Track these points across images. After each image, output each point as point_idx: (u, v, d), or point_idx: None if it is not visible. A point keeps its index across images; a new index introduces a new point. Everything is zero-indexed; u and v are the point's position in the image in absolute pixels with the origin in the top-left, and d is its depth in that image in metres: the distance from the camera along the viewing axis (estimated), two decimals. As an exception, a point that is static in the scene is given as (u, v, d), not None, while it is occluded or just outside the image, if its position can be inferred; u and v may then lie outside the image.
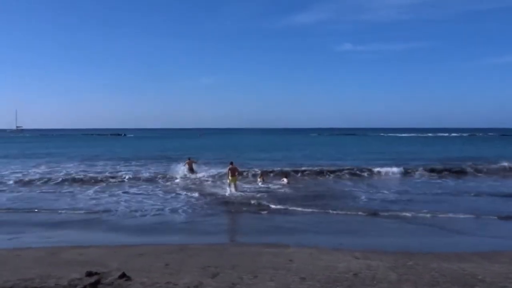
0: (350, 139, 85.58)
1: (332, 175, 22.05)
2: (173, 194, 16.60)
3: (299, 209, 13.63)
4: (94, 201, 15.20)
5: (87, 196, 16.42)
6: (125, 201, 15.27)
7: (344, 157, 34.87)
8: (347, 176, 22.13)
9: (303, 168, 24.63)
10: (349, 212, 13.10)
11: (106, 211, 13.44)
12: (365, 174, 22.55)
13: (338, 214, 12.93)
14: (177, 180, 20.56)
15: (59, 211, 13.40)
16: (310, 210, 13.50)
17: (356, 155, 37.37)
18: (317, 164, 28.19)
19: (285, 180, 20.26)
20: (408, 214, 12.63)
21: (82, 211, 13.37)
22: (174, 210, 13.51)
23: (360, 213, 12.99)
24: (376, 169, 23.39)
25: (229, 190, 17.09)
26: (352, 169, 23.42)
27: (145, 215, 12.78)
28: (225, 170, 18.14)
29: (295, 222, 12.07)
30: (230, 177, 17.45)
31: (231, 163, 17.98)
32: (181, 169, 22.85)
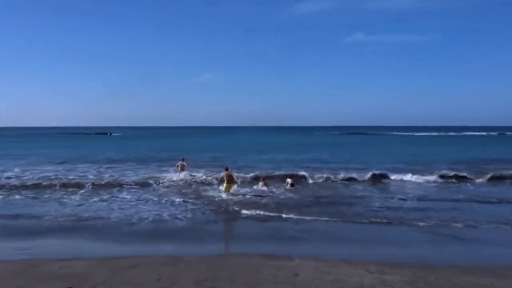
0: (360, 138, 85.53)
1: (341, 179, 22.00)
2: (166, 200, 16.60)
3: (305, 216, 13.61)
4: (79, 208, 15.22)
5: (71, 201, 16.43)
6: (114, 207, 15.26)
7: (355, 158, 34.90)
8: (359, 180, 22.08)
9: (309, 171, 24.60)
10: (360, 220, 13.08)
11: (92, 218, 13.44)
12: (379, 178, 22.50)
13: (349, 222, 12.91)
14: (169, 184, 20.55)
15: (41, 218, 13.39)
16: (317, 217, 13.48)
17: (367, 156, 37.37)
18: (325, 166, 28.21)
19: (289, 180, 20.25)
20: (426, 223, 12.60)
21: (66, 218, 13.36)
22: (167, 218, 13.50)
23: (373, 220, 12.98)
24: (391, 173, 23.34)
25: (225, 197, 17.16)
26: (364, 172, 23.35)
27: (135, 223, 12.77)
28: (222, 176, 18.11)
29: (300, 230, 12.04)
30: (225, 184, 17.45)
31: (226, 169, 18.05)
32: (174, 172, 22.88)
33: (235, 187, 18.32)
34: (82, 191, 18.69)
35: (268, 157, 36.64)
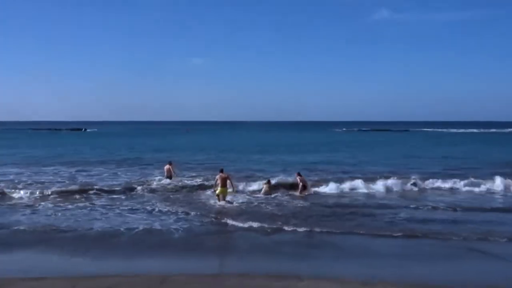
0: (383, 136, 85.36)
1: (362, 185, 21.99)
2: (152, 208, 16.79)
3: (316, 228, 13.76)
4: (55, 217, 15.48)
5: (43, 209, 16.68)
6: (92, 217, 15.50)
7: (377, 160, 34.91)
8: (381, 186, 22.05)
9: (322, 175, 24.67)
10: (382, 234, 13.22)
11: (67, 230, 13.64)
12: (405, 184, 22.49)
13: (368, 236, 13.04)
14: (156, 189, 20.73)
15: (9, 228, 13.60)
16: (329, 229, 13.63)
17: (393, 158, 37.36)
18: (341, 170, 28.31)
19: (299, 179, 20.29)
20: (460, 237, 12.72)
21: (36, 229, 13.62)
22: (153, 229, 13.69)
23: (397, 234, 13.11)
24: (420, 178, 23.30)
25: (219, 204, 17.42)
26: (389, 177, 23.43)
27: (116, 235, 12.97)
28: (215, 178, 18.25)
29: (310, 245, 12.21)
30: (219, 189, 17.64)
31: (221, 171, 18.26)
32: (161, 176, 23.14)
33: (230, 193, 18.46)
34: (54, 197, 18.84)
35: (274, 158, 36.71)
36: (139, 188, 20.94)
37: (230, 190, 18.22)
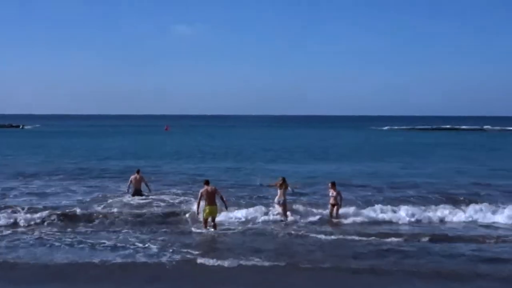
0: (452, 138, 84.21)
1: (416, 210, 21.80)
2: (115, 237, 16.99)
3: (345, 265, 13.81)
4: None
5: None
6: (31, 251, 15.61)
7: (445, 174, 33.63)
8: (441, 212, 21.81)
9: (361, 192, 24.58)
10: (433, 272, 13.36)
11: (29, 263, 14.04)
12: (473, 207, 22.21)
13: (416, 277, 13.12)
14: (120, 210, 20.89)
15: None
16: (365, 266, 13.72)
17: (466, 172, 35.97)
18: (393, 185, 28.18)
19: (332, 192, 20.30)
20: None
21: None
22: (123, 264, 13.90)
23: (451, 274, 13.25)
24: (504, 203, 22.85)
25: (208, 231, 17.67)
26: (455, 198, 23.63)
27: (63, 277, 13.10)
28: (199, 194, 18.31)
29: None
30: (207, 208, 17.78)
31: (207, 183, 18.37)
32: (127, 191, 23.59)
33: (222, 213, 18.63)
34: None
35: (290, 167, 36.71)
36: (100, 209, 21.13)
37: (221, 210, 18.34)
